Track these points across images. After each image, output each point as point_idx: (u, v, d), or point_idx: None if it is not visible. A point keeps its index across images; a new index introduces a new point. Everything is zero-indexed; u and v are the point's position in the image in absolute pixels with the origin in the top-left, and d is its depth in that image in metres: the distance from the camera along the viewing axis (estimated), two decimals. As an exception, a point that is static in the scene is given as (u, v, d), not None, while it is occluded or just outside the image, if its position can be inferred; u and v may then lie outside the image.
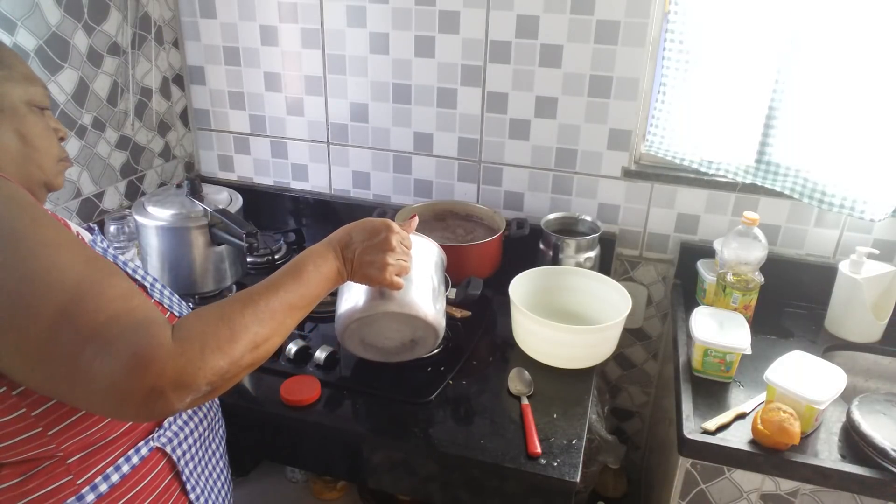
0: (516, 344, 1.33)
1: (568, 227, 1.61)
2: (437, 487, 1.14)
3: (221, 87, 1.81)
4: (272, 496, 1.74)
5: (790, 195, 1.42)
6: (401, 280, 0.94)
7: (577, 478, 1.01)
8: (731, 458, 1.09)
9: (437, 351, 1.29)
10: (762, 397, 1.18)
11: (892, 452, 1.04)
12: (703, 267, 1.53)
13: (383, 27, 1.61)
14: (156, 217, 1.35)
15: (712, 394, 1.22)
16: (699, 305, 1.37)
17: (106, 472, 0.74)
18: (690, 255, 1.59)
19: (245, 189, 1.74)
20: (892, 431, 1.08)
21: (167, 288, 0.92)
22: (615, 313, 1.29)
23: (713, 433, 1.11)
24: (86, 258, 0.64)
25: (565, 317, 1.41)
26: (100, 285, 0.62)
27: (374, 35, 1.63)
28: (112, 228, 1.53)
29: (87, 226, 1.16)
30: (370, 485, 1.32)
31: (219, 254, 1.41)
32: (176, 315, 0.87)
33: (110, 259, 0.81)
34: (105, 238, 1.35)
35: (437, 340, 1.09)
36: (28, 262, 0.61)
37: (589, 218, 1.60)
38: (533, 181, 1.67)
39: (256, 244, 1.30)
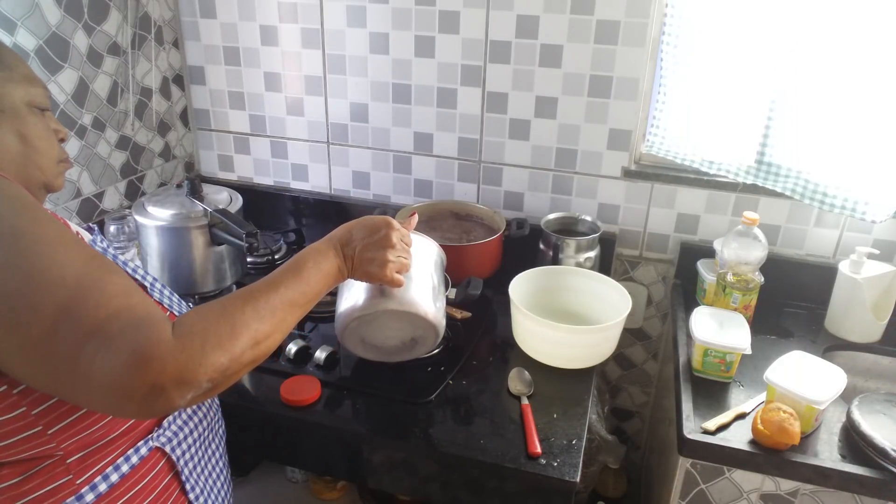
0: (516, 344, 1.33)
1: (568, 227, 1.61)
2: (437, 487, 1.14)
3: (221, 87, 1.82)
4: (272, 496, 1.74)
5: (791, 196, 1.42)
6: (401, 277, 0.94)
7: (577, 478, 1.01)
8: (731, 458, 1.09)
9: (437, 351, 1.29)
10: (762, 397, 1.18)
11: (892, 452, 1.04)
12: (703, 267, 1.53)
13: (383, 27, 1.61)
14: (156, 217, 1.35)
15: (712, 394, 1.22)
16: (699, 305, 1.37)
17: (105, 471, 0.74)
18: (690, 255, 1.59)
19: (245, 189, 1.74)
20: (892, 431, 1.08)
21: (167, 288, 0.92)
22: (615, 313, 1.29)
23: (713, 433, 1.11)
24: (86, 256, 0.65)
25: (565, 317, 1.41)
26: (100, 282, 0.62)
27: (374, 35, 1.63)
28: (112, 228, 1.52)
29: (87, 226, 1.16)
30: (370, 485, 1.32)
31: (219, 254, 1.41)
32: (176, 315, 0.87)
33: (110, 258, 0.81)
34: (105, 238, 1.35)
35: (437, 339, 1.09)
36: (28, 260, 0.61)
37: (589, 218, 1.60)
38: (533, 181, 1.67)
39: (256, 244, 1.30)
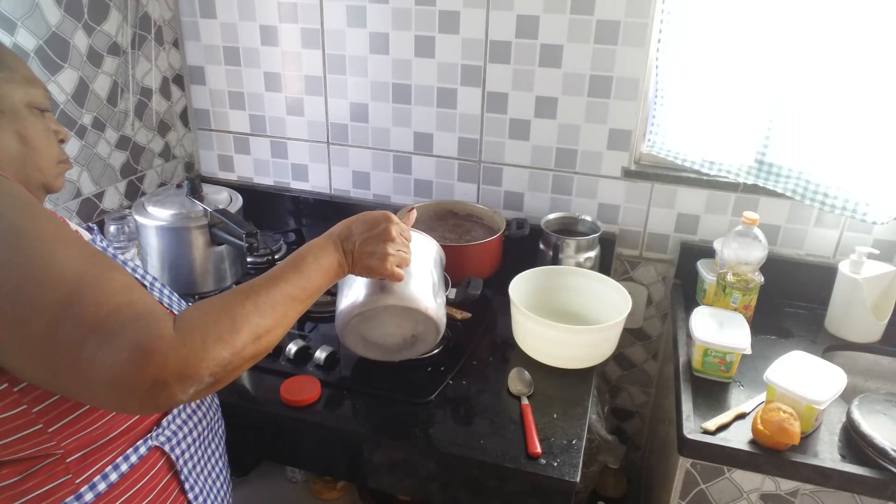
0: (516, 344, 1.33)
1: (568, 227, 1.61)
2: (437, 487, 1.14)
3: (221, 87, 1.82)
4: (272, 496, 1.74)
5: (791, 197, 1.42)
6: (401, 272, 0.94)
7: (577, 478, 1.01)
8: (731, 458, 1.09)
9: (437, 351, 1.29)
10: (762, 397, 1.18)
11: (892, 452, 1.04)
12: (703, 267, 1.53)
13: (383, 27, 1.61)
14: (156, 217, 1.35)
15: (712, 394, 1.22)
16: (699, 305, 1.37)
17: (104, 471, 0.74)
18: (690, 255, 1.59)
19: (245, 189, 1.74)
20: (892, 431, 1.08)
21: (167, 287, 0.92)
22: (615, 313, 1.29)
23: (713, 433, 1.11)
24: (86, 253, 0.65)
25: (565, 317, 1.41)
26: (100, 279, 0.63)
27: (374, 35, 1.63)
28: (112, 228, 1.52)
29: (87, 225, 1.16)
30: (370, 485, 1.32)
31: (219, 254, 1.41)
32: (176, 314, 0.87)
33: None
34: (104, 238, 1.35)
35: (437, 336, 1.09)
36: (29, 258, 0.61)
37: (589, 218, 1.60)
38: (533, 181, 1.67)
39: (256, 244, 1.30)
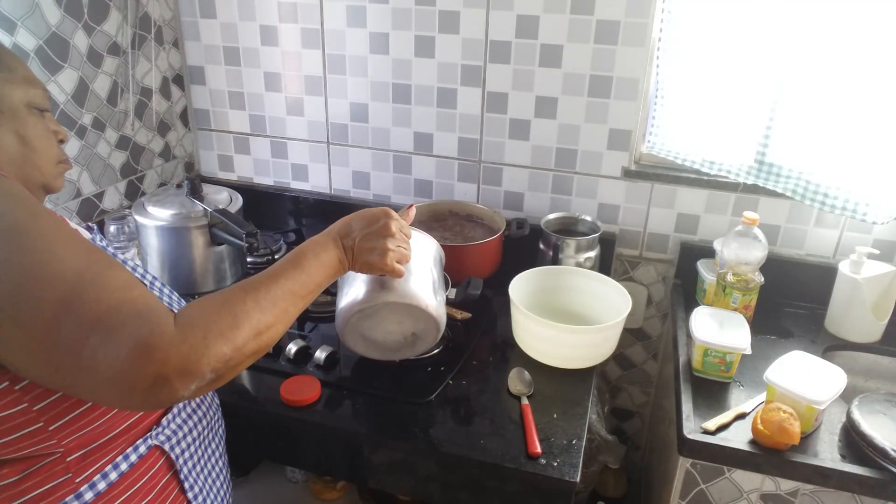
0: (516, 344, 1.33)
1: (568, 227, 1.61)
2: (437, 487, 1.14)
3: (221, 87, 1.81)
4: (272, 496, 1.74)
5: (791, 197, 1.42)
6: (402, 268, 0.94)
7: (577, 478, 1.01)
8: (731, 458, 1.09)
9: (437, 351, 1.29)
10: (762, 397, 1.18)
11: (892, 452, 1.04)
12: (703, 267, 1.53)
13: (383, 27, 1.61)
14: (156, 217, 1.35)
15: (712, 394, 1.22)
16: (699, 305, 1.37)
17: (104, 470, 0.74)
18: (690, 255, 1.59)
19: (245, 189, 1.74)
20: (892, 431, 1.08)
21: (167, 286, 0.92)
22: (615, 313, 1.29)
23: (713, 433, 1.11)
24: (86, 250, 0.65)
25: (565, 317, 1.41)
26: (100, 276, 0.63)
27: (374, 35, 1.63)
28: (112, 228, 1.52)
29: (86, 225, 1.16)
30: (370, 485, 1.32)
31: (219, 254, 1.41)
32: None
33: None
34: (104, 237, 1.35)
35: (438, 334, 1.09)
36: (29, 255, 0.61)
37: (589, 218, 1.60)
38: (533, 181, 1.67)
39: (256, 244, 1.30)
